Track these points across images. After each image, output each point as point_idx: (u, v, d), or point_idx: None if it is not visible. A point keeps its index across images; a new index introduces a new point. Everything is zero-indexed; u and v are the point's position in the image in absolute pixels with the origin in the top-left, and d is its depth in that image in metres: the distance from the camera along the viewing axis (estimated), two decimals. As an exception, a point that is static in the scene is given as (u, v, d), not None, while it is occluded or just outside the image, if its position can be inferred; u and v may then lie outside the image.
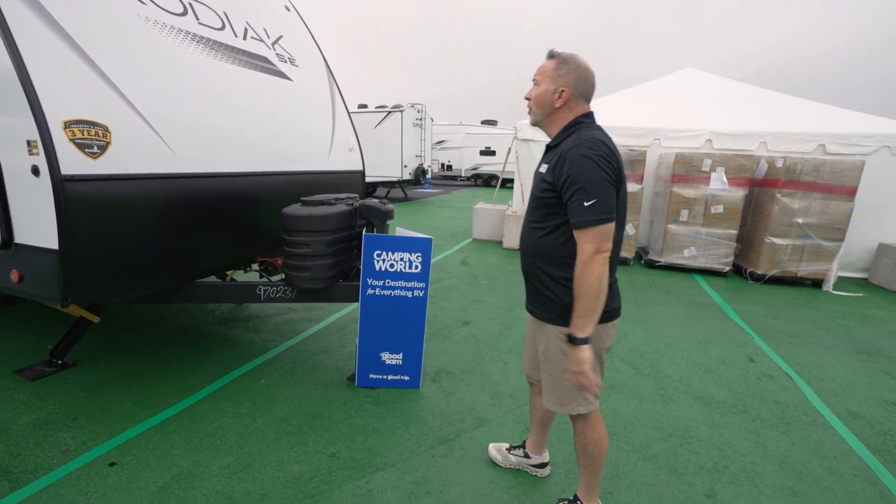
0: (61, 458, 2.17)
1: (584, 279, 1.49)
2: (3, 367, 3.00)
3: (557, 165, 1.56)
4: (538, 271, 1.69)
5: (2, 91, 1.91)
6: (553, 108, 1.66)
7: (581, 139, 1.55)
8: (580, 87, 1.64)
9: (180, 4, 2.76)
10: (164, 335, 3.58)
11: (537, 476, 2.21)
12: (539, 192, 1.66)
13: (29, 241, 2.04)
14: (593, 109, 1.72)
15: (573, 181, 1.49)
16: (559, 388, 1.72)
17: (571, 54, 1.66)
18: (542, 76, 1.68)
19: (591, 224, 1.47)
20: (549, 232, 1.63)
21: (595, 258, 1.47)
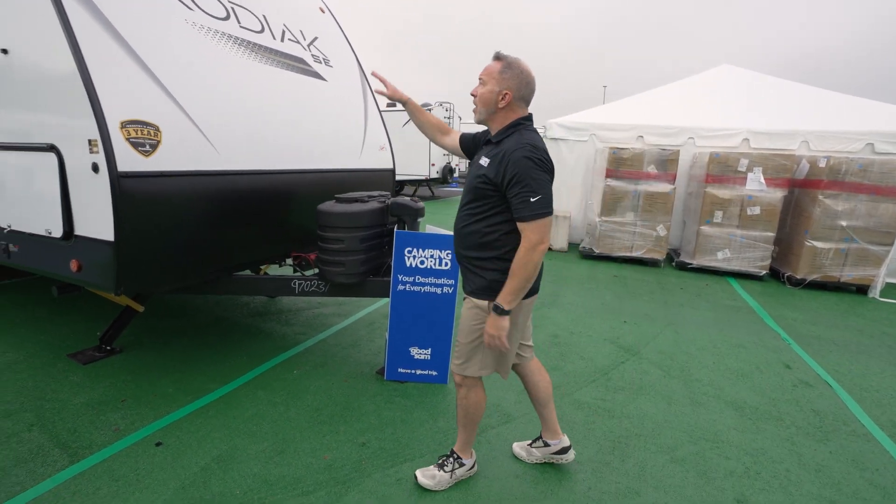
0: (112, 437, 2.32)
1: (524, 264, 1.67)
2: (59, 350, 3.21)
3: (501, 164, 1.69)
4: (468, 253, 1.86)
5: (66, 95, 2.05)
6: (496, 108, 1.79)
7: (522, 142, 1.69)
8: (521, 91, 1.78)
9: (223, 9, 2.89)
10: (201, 325, 3.75)
11: (563, 463, 2.24)
12: (476, 182, 1.78)
13: (87, 234, 2.19)
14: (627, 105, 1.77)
15: (518, 180, 1.64)
16: (465, 352, 1.91)
17: (516, 59, 1.78)
18: (487, 77, 1.79)
19: (537, 217, 1.64)
20: (481, 219, 1.79)
21: (538, 247, 1.66)
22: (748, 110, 7.07)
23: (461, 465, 2.08)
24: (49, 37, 2.03)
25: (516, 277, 1.69)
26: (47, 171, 2.20)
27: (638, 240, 6.57)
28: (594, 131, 7.45)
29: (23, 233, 2.40)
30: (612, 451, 2.40)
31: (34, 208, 2.32)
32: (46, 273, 2.57)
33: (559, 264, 6.51)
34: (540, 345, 3.68)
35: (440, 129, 2.25)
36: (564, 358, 3.47)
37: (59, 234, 2.25)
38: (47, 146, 2.19)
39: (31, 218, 2.35)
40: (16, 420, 2.43)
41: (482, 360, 1.91)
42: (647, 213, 6.46)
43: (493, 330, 1.75)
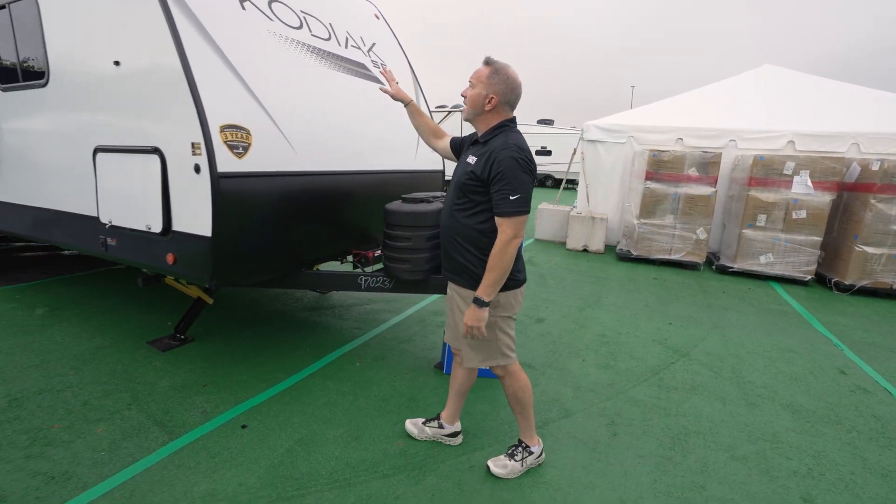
0: (201, 418, 2.50)
1: (500, 257, 1.78)
2: (138, 338, 3.45)
3: (487, 162, 1.80)
4: (458, 245, 1.95)
5: (173, 102, 2.24)
6: (483, 110, 1.90)
7: (508, 143, 1.80)
8: (507, 95, 1.89)
9: (297, 18, 3.06)
10: (262, 318, 3.95)
11: (451, 445, 2.36)
12: (464, 178, 1.89)
13: (185, 229, 2.37)
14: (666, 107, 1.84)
15: (501, 178, 1.76)
16: (478, 348, 2.01)
17: (504, 65, 1.89)
18: (476, 80, 1.91)
19: (515, 214, 1.76)
20: (469, 214, 1.90)
21: (512, 241, 1.78)
22: (793, 112, 6.94)
23: (530, 454, 2.19)
24: (160, 50, 2.22)
25: (494, 270, 1.80)
26: (150, 171, 2.40)
27: (677, 242, 6.53)
28: (632, 133, 7.43)
29: (123, 228, 2.61)
30: (672, 447, 2.46)
31: (135, 206, 2.52)
32: (141, 265, 2.79)
33: (597, 266, 6.53)
34: (589, 344, 3.74)
35: (435, 134, 2.38)
36: (615, 357, 3.52)
37: (158, 230, 2.45)
38: (151, 149, 2.38)
39: (131, 214, 2.55)
40: (115, 399, 2.64)
41: (497, 349, 2.01)
42: (687, 216, 6.42)
43: (473, 321, 1.86)
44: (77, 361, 3.07)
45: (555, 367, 3.30)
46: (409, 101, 2.38)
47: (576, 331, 4.03)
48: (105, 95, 2.56)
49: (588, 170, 7.75)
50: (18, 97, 3.09)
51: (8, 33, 2.96)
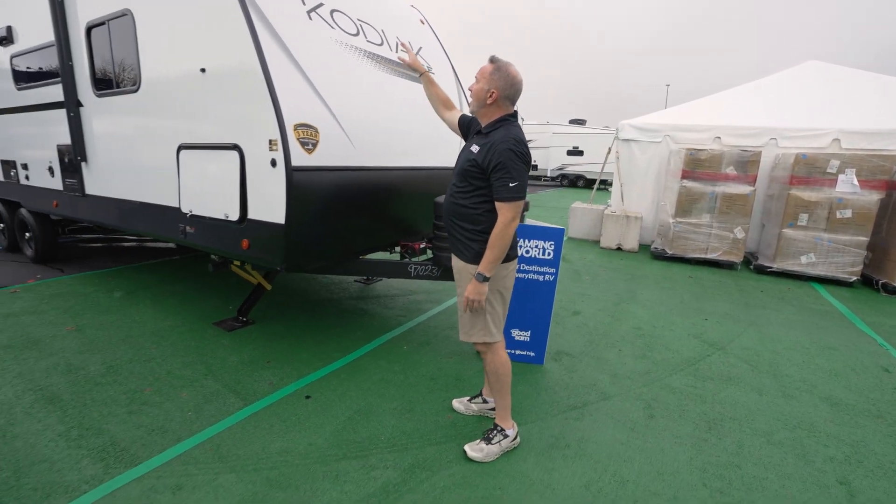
0: (269, 389, 2.78)
1: (500, 238, 1.96)
2: (205, 319, 3.79)
3: (489, 152, 1.95)
4: (457, 225, 2.13)
5: (253, 104, 2.52)
6: (485, 103, 2.05)
7: (508, 135, 1.96)
8: (507, 91, 2.03)
9: (354, 26, 3.32)
10: (314, 304, 4.25)
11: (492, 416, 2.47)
12: (466, 165, 2.05)
13: (259, 217, 2.65)
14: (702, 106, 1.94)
15: (502, 167, 1.92)
16: (468, 321, 2.17)
17: (506, 63, 2.05)
18: (480, 76, 2.07)
19: (514, 199, 1.93)
20: (468, 196, 2.07)
21: (511, 223, 1.95)
22: (839, 109, 6.78)
23: (505, 437, 2.27)
24: (243, 58, 2.50)
25: (494, 248, 1.97)
26: (229, 165, 2.69)
27: (713, 242, 6.50)
28: (668, 132, 7.42)
29: (203, 217, 2.93)
30: (708, 430, 2.57)
31: (215, 197, 2.83)
32: (215, 250, 3.10)
33: (631, 264, 6.57)
34: (625, 336, 3.85)
35: (444, 104, 2.52)
36: (651, 349, 3.62)
37: (235, 218, 2.74)
38: (231, 145, 2.67)
39: (211, 205, 2.86)
40: (193, 370, 2.96)
41: (484, 325, 2.15)
42: (724, 215, 6.38)
43: (475, 294, 2.04)
44: (156, 338, 3.42)
45: (592, 356, 3.44)
46: (423, 71, 2.54)
47: (612, 323, 4.14)
48: (191, 99, 2.88)
49: (623, 169, 7.78)
50: (111, 102, 3.48)
51: (106, 46, 3.34)
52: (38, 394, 2.64)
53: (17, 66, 4.35)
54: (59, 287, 4.49)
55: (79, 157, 3.84)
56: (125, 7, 3.12)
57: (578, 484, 2.10)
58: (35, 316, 3.75)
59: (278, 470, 2.10)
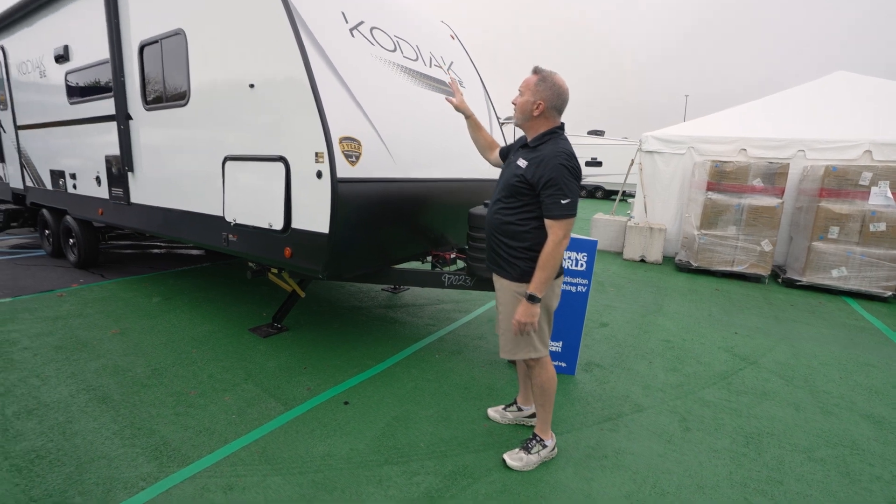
0: (307, 395, 2.85)
1: (552, 256, 1.91)
2: (240, 325, 3.90)
3: (539, 167, 1.92)
4: (501, 242, 2.10)
5: (300, 118, 2.62)
6: (531, 115, 2.02)
7: (558, 149, 1.92)
8: (554, 101, 1.99)
9: (392, 43, 3.43)
10: (344, 312, 4.33)
11: (532, 425, 2.51)
12: (513, 180, 2.02)
13: (303, 227, 2.75)
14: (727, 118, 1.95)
15: (553, 183, 1.88)
16: (512, 339, 2.12)
17: (551, 72, 2.01)
18: (525, 88, 2.04)
19: (565, 217, 1.89)
20: (514, 212, 2.03)
21: (562, 242, 1.91)
22: (870, 120, 6.68)
23: (544, 447, 2.28)
24: (292, 74, 2.62)
25: (545, 268, 1.93)
26: (275, 177, 2.80)
27: (740, 254, 6.42)
28: (692, 144, 7.39)
29: (247, 226, 3.04)
30: (746, 445, 2.55)
31: (260, 206, 2.94)
32: (257, 258, 3.21)
33: (656, 276, 6.53)
34: (654, 348, 3.84)
35: (490, 147, 2.54)
36: (681, 361, 3.61)
37: (279, 227, 2.84)
38: (277, 157, 2.79)
39: (255, 214, 2.97)
40: (233, 374, 3.05)
41: (529, 343, 2.12)
42: (751, 228, 6.31)
43: (527, 317, 1.99)
44: (195, 342, 3.53)
45: (622, 368, 3.44)
46: (470, 115, 2.52)
47: (640, 335, 4.13)
48: (238, 113, 3.01)
49: (646, 180, 7.76)
50: (160, 115, 3.65)
51: (157, 63, 3.52)
52: (91, 393, 2.75)
53: (70, 82, 4.59)
54: (101, 291, 4.67)
55: (126, 167, 4.02)
56: (178, 27, 3.29)
57: (618, 494, 2.11)
58: (81, 319, 3.91)
59: (323, 473, 2.16)
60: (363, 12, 3.26)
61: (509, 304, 2.13)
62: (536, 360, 2.20)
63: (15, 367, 3.03)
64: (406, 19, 3.77)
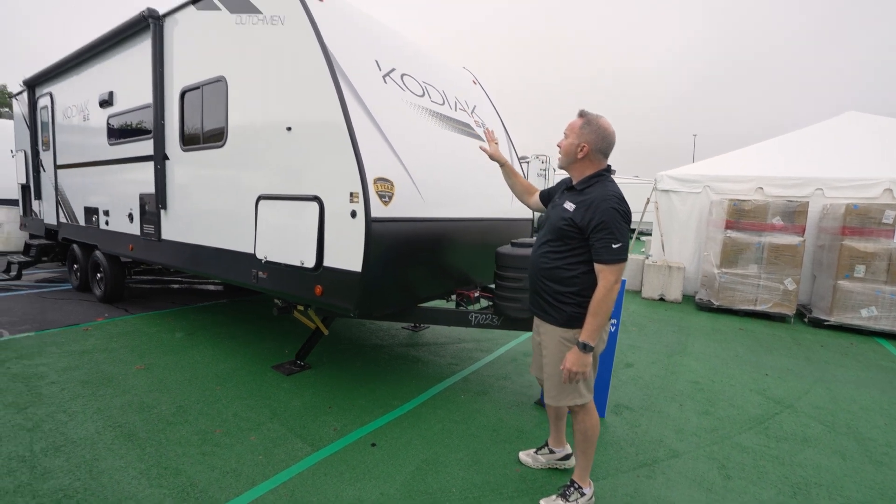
0: (334, 435, 2.80)
1: (604, 302, 1.87)
2: (264, 362, 3.88)
3: (588, 210, 1.91)
4: (547, 287, 2.07)
5: (336, 159, 2.72)
6: (576, 158, 2.04)
7: (608, 193, 1.92)
8: (599, 144, 2.01)
9: (420, 88, 3.58)
10: (366, 350, 4.30)
11: (566, 468, 2.46)
12: (562, 224, 2.01)
13: (335, 265, 2.79)
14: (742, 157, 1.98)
15: (604, 227, 1.87)
16: (558, 385, 2.08)
17: (597, 116, 2.03)
18: (570, 131, 2.06)
19: (617, 261, 1.87)
20: (562, 257, 2.02)
21: (614, 287, 1.87)
22: (887, 158, 6.71)
23: (582, 495, 2.18)
24: (330, 118, 2.73)
25: (599, 315, 1.88)
26: (309, 215, 2.87)
27: (763, 293, 6.32)
28: (708, 183, 7.44)
29: (278, 263, 3.09)
30: (793, 496, 2.42)
31: (292, 244, 3.00)
32: (286, 295, 3.24)
33: (677, 315, 6.42)
34: (683, 390, 3.73)
35: (527, 191, 2.58)
36: (713, 404, 3.49)
37: (310, 265, 2.88)
38: (312, 197, 2.87)
39: (287, 251, 3.03)
40: (258, 413, 3.02)
41: (575, 388, 2.06)
42: (773, 266, 6.24)
43: (578, 367, 1.93)
44: (219, 379, 3.52)
45: (652, 410, 3.33)
46: (504, 162, 2.59)
47: (667, 377, 4.02)
48: (275, 154, 3.13)
49: (662, 219, 7.78)
50: (196, 156, 3.80)
51: (197, 107, 3.71)
52: (116, 430, 2.73)
53: (111, 125, 4.82)
54: (125, 326, 4.71)
55: (160, 205, 4.15)
56: (220, 74, 3.48)
57: (664, 549, 2.01)
58: (106, 353, 3.93)
59: (354, 519, 2.09)
60: (394, 60, 3.43)
61: (554, 349, 2.08)
62: (581, 406, 2.13)
63: (43, 402, 3.04)
64: (433, 66, 3.95)
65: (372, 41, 3.37)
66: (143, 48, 4.22)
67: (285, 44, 3.03)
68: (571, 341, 2.01)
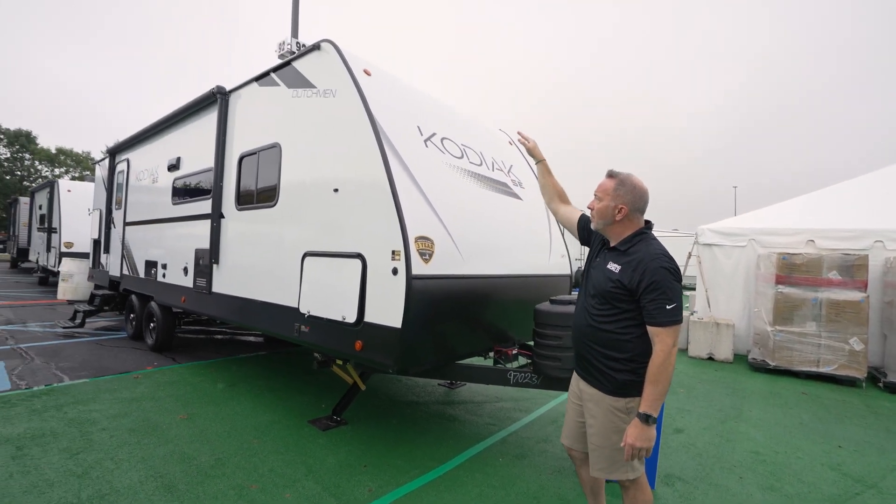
0: (369, 496, 2.73)
1: (664, 368, 1.74)
2: (300, 416, 3.90)
3: (636, 270, 1.83)
4: (595, 352, 1.95)
5: (380, 219, 2.86)
6: (614, 220, 1.97)
7: (655, 252, 1.85)
8: (636, 203, 1.96)
9: (459, 150, 3.76)
10: (402, 408, 4.25)
11: None
12: (608, 286, 1.91)
13: (376, 321, 2.85)
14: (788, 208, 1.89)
15: (656, 287, 1.78)
16: (609, 457, 1.91)
17: (628, 175, 1.98)
18: (603, 193, 1.99)
19: (672, 323, 1.76)
20: (613, 320, 1.90)
21: (673, 351, 1.76)
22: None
23: None
24: (374, 180, 2.91)
25: (660, 383, 1.74)
26: (351, 272, 2.99)
27: (825, 353, 5.86)
28: (753, 236, 7.19)
29: (320, 318, 3.19)
30: None
31: (334, 300, 3.10)
32: (326, 349, 3.31)
33: (728, 376, 6.01)
34: (742, 461, 3.43)
35: (560, 196, 2.39)
36: (778, 479, 3.18)
37: (352, 321, 2.96)
38: (355, 254, 3.00)
39: (330, 306, 3.13)
40: (293, 469, 3.00)
41: (627, 461, 1.86)
42: (834, 324, 5.81)
43: (642, 442, 1.75)
44: (257, 432, 3.55)
45: (708, 483, 3.07)
46: (542, 158, 2.44)
47: (722, 445, 3.72)
48: (322, 214, 3.33)
49: (706, 273, 7.50)
50: (249, 214, 4.09)
51: (253, 171, 4.04)
52: (158, 481, 2.78)
53: (176, 186, 5.30)
54: (171, 375, 4.89)
55: (213, 259, 4.43)
56: (276, 141, 3.81)
57: None
58: (153, 402, 4.07)
59: (389, 592, 1.99)
60: (435, 125, 3.65)
61: (603, 418, 1.94)
62: (633, 482, 1.96)
63: (93, 448, 3.15)
64: (470, 129, 4.17)
65: (414, 109, 3.62)
66: (209, 119, 4.70)
67: (336, 114, 3.31)
68: (623, 411, 1.89)
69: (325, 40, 3.43)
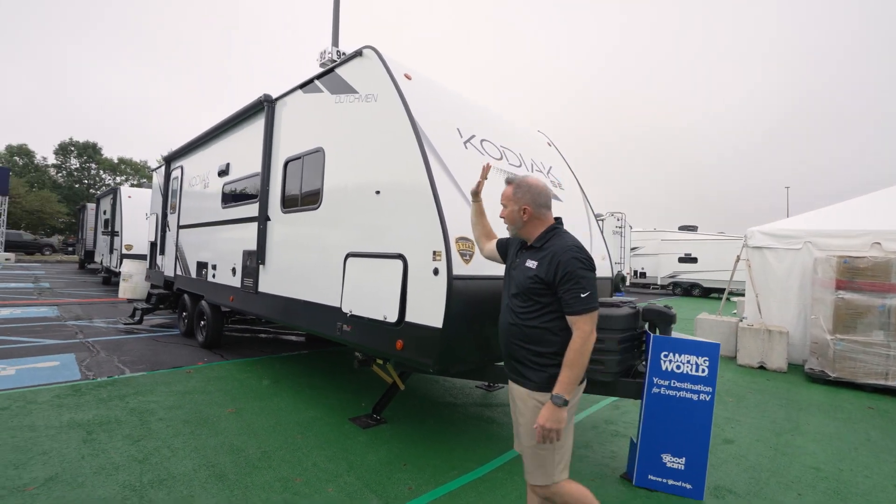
0: (409, 494, 2.76)
1: (580, 354, 1.80)
2: (341, 414, 3.99)
3: (551, 263, 1.88)
4: (523, 349, 1.96)
5: (421, 220, 2.90)
6: (523, 222, 2.05)
7: (567, 244, 1.92)
8: (537, 200, 2.04)
9: (498, 152, 3.77)
10: (440, 408, 4.27)
11: None
12: (528, 283, 1.94)
13: (417, 321, 2.89)
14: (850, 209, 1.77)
15: (570, 277, 1.83)
16: (537, 458, 1.93)
17: (523, 178, 2.11)
18: (506, 200, 2.09)
19: (588, 310, 1.82)
20: (536, 316, 1.93)
21: (590, 337, 1.82)
22: None
23: None
24: (416, 182, 2.96)
25: (575, 367, 1.80)
26: (393, 272, 3.04)
27: (895, 365, 5.43)
28: (809, 238, 6.78)
29: (361, 317, 3.26)
30: None
31: (376, 299, 3.17)
32: (367, 349, 3.38)
33: (783, 387, 5.68)
34: (801, 477, 3.23)
35: (487, 236, 2.48)
36: (843, 498, 2.97)
37: (393, 320, 3.01)
38: (396, 255, 3.05)
39: (371, 306, 3.20)
40: (336, 464, 3.07)
41: (554, 460, 1.90)
42: (904, 334, 5.38)
43: (552, 423, 1.78)
44: (301, 428, 3.66)
45: (763, 498, 2.91)
46: (479, 199, 2.50)
47: (777, 458, 3.52)
48: (364, 216, 3.41)
49: (756, 278, 7.13)
50: (294, 217, 4.25)
51: (297, 175, 4.20)
52: (210, 470, 2.92)
53: (225, 191, 5.57)
54: (220, 371, 5.13)
55: (259, 260, 4.62)
56: (319, 146, 3.95)
57: None
58: (204, 395, 4.28)
59: (430, 589, 2.00)
60: (474, 128, 3.67)
61: (531, 415, 1.92)
62: (546, 488, 1.94)
63: (152, 436, 3.34)
64: (510, 131, 4.16)
65: (454, 111, 3.65)
66: (256, 126, 4.92)
67: (378, 118, 3.39)
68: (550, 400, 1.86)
69: (367, 46, 3.52)
